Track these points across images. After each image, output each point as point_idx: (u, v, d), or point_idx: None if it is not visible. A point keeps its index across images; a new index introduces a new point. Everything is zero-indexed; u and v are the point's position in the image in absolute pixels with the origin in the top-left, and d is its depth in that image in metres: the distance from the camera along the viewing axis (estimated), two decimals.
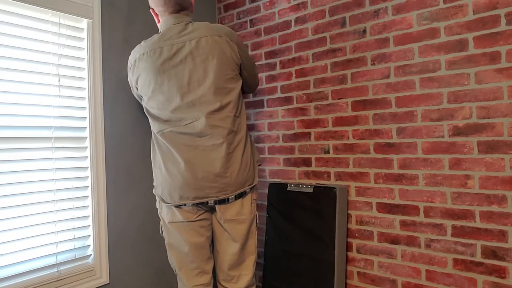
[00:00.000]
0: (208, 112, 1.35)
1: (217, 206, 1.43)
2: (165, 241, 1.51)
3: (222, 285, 1.53)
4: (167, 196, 1.41)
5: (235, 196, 1.40)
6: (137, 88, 1.47)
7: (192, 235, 1.44)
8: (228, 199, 1.40)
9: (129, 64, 1.47)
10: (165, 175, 1.40)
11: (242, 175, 1.41)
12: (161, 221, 1.50)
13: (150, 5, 1.50)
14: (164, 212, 1.47)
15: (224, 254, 1.48)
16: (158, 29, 2.00)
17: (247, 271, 1.50)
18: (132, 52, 1.48)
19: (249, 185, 1.44)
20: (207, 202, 1.39)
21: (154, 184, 1.48)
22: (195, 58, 1.35)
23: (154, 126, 1.44)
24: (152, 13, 1.52)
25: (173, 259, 1.50)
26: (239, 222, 1.45)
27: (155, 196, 1.90)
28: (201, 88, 1.35)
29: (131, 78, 1.48)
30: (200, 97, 1.35)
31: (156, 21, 1.53)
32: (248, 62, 1.50)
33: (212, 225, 1.50)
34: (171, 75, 1.36)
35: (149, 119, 1.46)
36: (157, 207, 1.51)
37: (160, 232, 1.53)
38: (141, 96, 1.47)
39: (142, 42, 1.45)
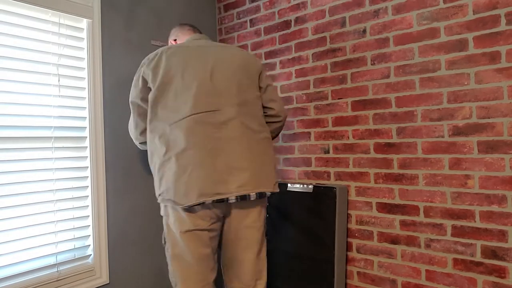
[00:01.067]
0: (232, 104, 1.32)
1: (235, 212, 1.35)
2: (167, 253, 1.38)
3: None
4: (183, 197, 1.25)
5: (256, 194, 1.30)
6: (146, 81, 1.36)
7: (199, 245, 1.33)
8: (249, 196, 1.29)
9: (146, 61, 1.38)
10: (179, 172, 1.26)
11: (267, 174, 1.34)
12: (166, 230, 1.38)
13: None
14: (172, 220, 1.33)
15: (242, 262, 1.39)
16: (162, 29, 2.00)
17: (264, 279, 1.44)
18: (152, 53, 1.41)
19: (269, 188, 1.35)
20: (227, 199, 1.27)
21: (159, 191, 1.32)
22: (218, 58, 1.37)
23: (164, 119, 1.32)
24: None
25: (177, 271, 1.36)
26: (257, 229, 1.39)
27: (156, 198, 1.86)
28: (228, 81, 1.34)
29: (144, 71, 1.36)
30: (228, 89, 1.34)
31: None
32: (267, 79, 1.50)
33: (223, 234, 1.42)
34: (194, 69, 1.33)
35: (154, 117, 1.34)
36: (162, 214, 1.39)
37: (163, 242, 1.41)
38: (152, 87, 1.35)
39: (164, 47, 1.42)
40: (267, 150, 1.39)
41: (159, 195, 1.33)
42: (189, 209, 1.30)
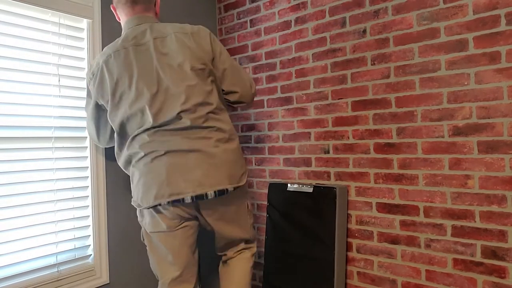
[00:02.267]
0: (183, 110, 1.29)
1: (203, 209, 1.35)
2: (147, 248, 1.45)
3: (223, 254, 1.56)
4: (143, 199, 1.31)
5: (215, 193, 1.28)
6: (100, 98, 1.37)
7: (175, 244, 1.37)
8: (207, 195, 1.27)
9: (90, 75, 1.38)
10: (137, 176, 1.33)
11: (224, 171, 1.32)
12: (142, 229, 1.44)
13: (113, 2, 1.45)
14: (146, 221, 1.39)
15: (221, 237, 1.49)
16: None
17: (246, 234, 1.52)
18: (94, 61, 1.40)
19: (229, 184, 1.32)
20: (183, 199, 1.27)
21: (132, 195, 1.39)
22: (160, 58, 1.30)
23: (125, 132, 1.36)
24: (113, 10, 1.48)
25: (155, 267, 1.44)
26: (231, 214, 1.42)
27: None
28: (171, 87, 1.29)
29: (91, 90, 1.39)
30: (172, 96, 1.29)
31: (117, 19, 1.48)
32: (221, 54, 1.42)
33: (200, 227, 1.46)
34: (139, 76, 1.29)
35: (116, 128, 1.37)
36: (137, 214, 1.44)
37: (142, 239, 1.48)
38: (104, 106, 1.38)
39: (104, 48, 1.38)
40: (225, 146, 1.34)
41: (132, 197, 1.41)
42: (157, 210, 1.34)
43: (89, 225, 1.65)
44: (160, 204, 1.28)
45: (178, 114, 1.29)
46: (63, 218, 1.56)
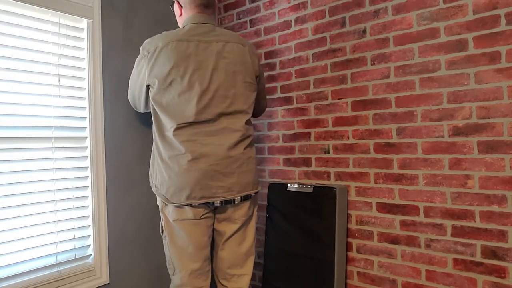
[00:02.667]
0: (224, 113, 1.38)
1: (224, 207, 1.44)
2: (165, 241, 1.47)
3: (222, 284, 1.53)
4: (173, 195, 1.37)
5: (241, 197, 1.41)
6: (147, 77, 1.40)
7: (197, 234, 1.43)
8: (234, 200, 1.40)
9: (145, 52, 1.41)
10: (172, 173, 1.37)
11: (250, 177, 1.43)
12: (163, 219, 1.46)
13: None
14: (169, 210, 1.42)
15: (226, 251, 1.49)
16: (162, 29, 2.00)
17: (248, 271, 1.52)
18: (150, 40, 1.43)
19: (253, 190, 1.46)
20: (213, 203, 1.38)
21: (154, 182, 1.44)
22: (219, 60, 1.38)
23: (164, 120, 1.39)
24: (177, 6, 1.52)
25: (174, 259, 1.45)
26: (245, 222, 1.48)
27: (155, 194, 1.90)
28: (221, 89, 1.38)
29: (143, 66, 1.41)
30: (219, 97, 1.37)
31: (178, 14, 1.53)
32: (262, 76, 1.58)
33: (213, 226, 1.51)
34: (194, 70, 1.35)
35: (156, 112, 1.41)
36: (158, 204, 1.49)
37: (160, 231, 1.49)
38: (151, 86, 1.40)
39: (164, 32, 1.42)
40: (253, 154, 1.48)
41: (155, 186, 1.44)
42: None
43: (89, 225, 1.65)
44: (190, 204, 1.38)
45: (219, 115, 1.38)
46: (63, 218, 1.56)
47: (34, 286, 1.45)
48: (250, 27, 2.14)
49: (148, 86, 1.43)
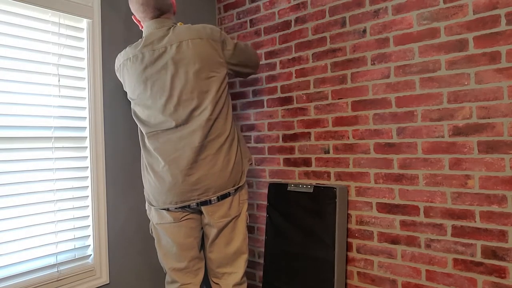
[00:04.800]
0: (188, 117, 1.38)
1: (203, 208, 1.45)
2: (155, 240, 1.56)
3: (213, 281, 1.57)
4: (153, 200, 1.46)
5: (218, 197, 1.42)
6: (126, 89, 1.52)
7: (179, 235, 1.47)
8: (210, 200, 1.42)
9: (116, 67, 1.54)
10: (150, 179, 1.45)
11: (223, 177, 1.41)
12: (150, 222, 1.55)
13: (132, 12, 1.54)
14: (153, 214, 1.51)
15: (214, 253, 1.52)
16: None
17: (238, 269, 1.53)
18: (118, 56, 1.53)
19: (233, 187, 1.45)
20: (189, 206, 1.42)
21: (144, 188, 1.53)
22: (176, 63, 1.37)
23: (141, 129, 1.48)
24: (135, 20, 1.55)
25: (162, 259, 1.54)
26: (227, 223, 1.48)
27: None
28: (183, 92, 1.37)
29: (120, 79, 1.54)
30: (184, 101, 1.38)
31: (140, 27, 1.56)
32: (235, 54, 1.49)
33: (201, 226, 1.54)
34: (154, 80, 1.39)
35: (136, 121, 1.49)
36: (146, 208, 1.56)
37: (150, 232, 1.58)
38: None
39: (127, 47, 1.48)
40: (226, 152, 1.43)
41: (144, 191, 1.53)
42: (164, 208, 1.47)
43: (89, 225, 1.65)
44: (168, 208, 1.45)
45: (187, 120, 1.38)
46: (63, 218, 1.56)
47: (34, 286, 1.45)
48: (250, 27, 2.14)
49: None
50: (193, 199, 1.40)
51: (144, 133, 1.46)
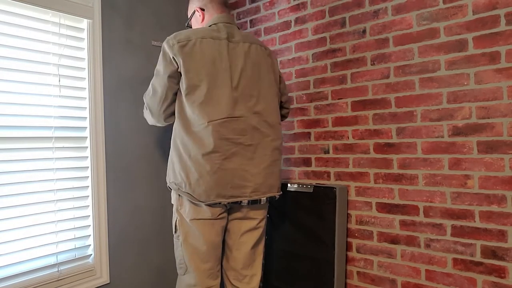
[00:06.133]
0: (252, 112, 1.39)
1: (239, 206, 1.43)
2: (177, 241, 1.43)
3: (233, 285, 1.51)
4: (201, 195, 1.33)
5: (266, 199, 1.43)
6: (178, 72, 1.36)
7: (212, 234, 1.41)
8: (260, 200, 1.41)
9: (174, 41, 1.34)
10: (204, 171, 1.33)
11: (275, 179, 1.45)
12: (177, 218, 1.42)
13: (193, 5, 1.52)
14: (187, 209, 1.39)
15: (239, 253, 1.48)
16: (162, 29, 2.00)
17: (258, 271, 1.52)
18: (177, 34, 1.37)
19: (277, 192, 1.47)
20: (240, 202, 1.38)
21: (176, 181, 1.38)
22: (247, 60, 1.41)
23: (193, 116, 1.35)
24: (198, 13, 1.50)
25: (187, 259, 1.42)
26: (261, 222, 1.49)
27: (156, 196, 1.91)
28: (247, 88, 1.39)
29: (172, 57, 1.34)
30: (246, 96, 1.39)
31: (199, 21, 1.51)
32: (282, 78, 1.60)
33: (227, 225, 1.49)
34: (226, 68, 1.37)
35: (183, 108, 1.36)
36: (172, 203, 1.44)
37: (173, 231, 1.45)
38: (182, 79, 1.35)
39: (189, 29, 1.40)
40: (277, 155, 1.48)
41: (175, 184, 1.39)
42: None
43: (89, 225, 1.65)
44: (220, 203, 1.36)
45: (247, 114, 1.39)
46: (63, 218, 1.56)
47: (34, 286, 1.45)
48: (250, 27, 2.14)
49: (172, 79, 1.36)
50: (246, 196, 1.38)
51: (198, 121, 1.33)
